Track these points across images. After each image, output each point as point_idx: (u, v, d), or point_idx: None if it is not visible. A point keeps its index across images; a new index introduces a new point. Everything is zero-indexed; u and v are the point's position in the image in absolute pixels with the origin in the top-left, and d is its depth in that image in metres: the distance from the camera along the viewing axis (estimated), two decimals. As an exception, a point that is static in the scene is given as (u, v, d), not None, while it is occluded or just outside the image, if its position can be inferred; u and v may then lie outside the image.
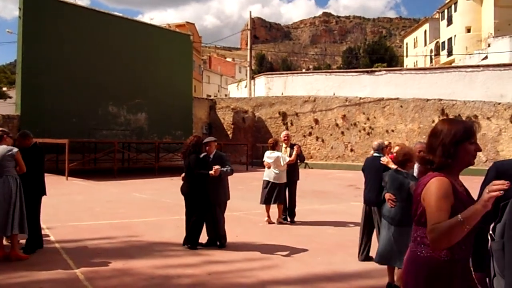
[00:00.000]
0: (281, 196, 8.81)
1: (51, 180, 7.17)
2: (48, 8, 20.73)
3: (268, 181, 8.78)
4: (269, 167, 8.79)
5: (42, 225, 6.72)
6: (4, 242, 6.30)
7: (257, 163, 24.82)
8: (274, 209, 8.97)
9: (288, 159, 8.91)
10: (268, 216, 8.86)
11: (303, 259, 6.27)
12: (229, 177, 7.23)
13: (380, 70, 28.75)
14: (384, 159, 5.94)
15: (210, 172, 6.63)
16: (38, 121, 18.82)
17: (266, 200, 8.79)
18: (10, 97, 36.32)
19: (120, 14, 28.51)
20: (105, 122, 22.77)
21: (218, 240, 6.83)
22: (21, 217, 5.90)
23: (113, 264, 5.80)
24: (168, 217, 9.21)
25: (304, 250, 6.72)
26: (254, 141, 27.29)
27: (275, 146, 8.95)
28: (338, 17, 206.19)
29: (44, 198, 6.64)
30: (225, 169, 6.79)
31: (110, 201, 11.69)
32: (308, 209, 10.33)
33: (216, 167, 6.66)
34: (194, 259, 6.17)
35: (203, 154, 6.96)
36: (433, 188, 2.20)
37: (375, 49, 56.95)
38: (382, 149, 6.37)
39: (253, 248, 6.78)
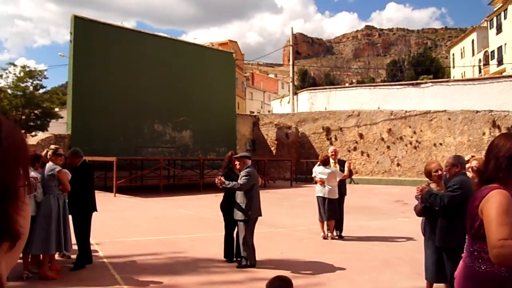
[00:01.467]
0: (336, 212, 8.74)
1: (99, 197, 7.37)
2: (97, 31, 21.65)
3: (324, 197, 8.69)
4: (322, 183, 8.70)
5: (91, 240, 6.89)
6: (56, 256, 6.51)
7: (301, 179, 24.64)
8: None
9: (342, 174, 8.86)
10: (323, 232, 8.77)
11: (349, 277, 6.11)
12: (273, 194, 7.25)
13: (426, 82, 28.06)
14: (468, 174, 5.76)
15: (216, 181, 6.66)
16: (87, 140, 19.51)
17: (324, 216, 8.73)
18: (62, 117, 37.85)
19: (165, 35, 29.35)
20: (151, 140, 23.33)
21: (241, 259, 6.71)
22: (59, 236, 5.96)
23: (159, 280, 5.86)
24: (213, 233, 9.24)
25: (351, 268, 6.54)
26: (298, 156, 27.16)
27: (327, 162, 8.89)
28: (381, 29, 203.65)
29: (93, 214, 6.82)
30: (226, 182, 6.57)
31: (156, 217, 11.88)
32: (354, 225, 10.10)
33: (218, 178, 6.63)
34: (239, 276, 6.14)
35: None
36: (494, 201, 2.10)
37: (420, 61, 55.65)
38: None
39: (298, 265, 6.67)
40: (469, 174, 5.87)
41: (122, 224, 10.68)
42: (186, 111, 24.63)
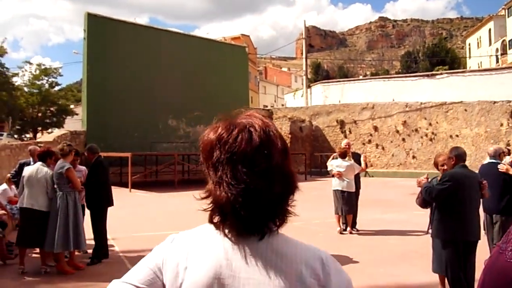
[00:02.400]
0: (353, 206, 8.68)
1: (115, 192, 7.43)
2: (110, 28, 21.78)
3: (343, 191, 8.64)
4: (340, 176, 8.66)
5: (108, 235, 6.95)
6: (77, 252, 6.58)
7: (315, 173, 24.58)
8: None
9: (360, 167, 8.82)
10: (340, 226, 8.73)
11: (365, 270, 6.09)
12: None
13: (441, 73, 27.73)
14: (503, 166, 5.67)
15: None
16: (103, 136, 19.65)
17: (342, 211, 8.67)
18: (77, 114, 38.29)
19: (177, 30, 29.42)
20: (166, 136, 23.44)
21: None
22: (66, 234, 5.90)
23: (175, 275, 5.88)
24: (227, 227, 9.26)
25: (366, 261, 6.52)
26: (312, 150, 27.07)
27: (345, 155, 8.84)
28: (395, 21, 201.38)
29: (109, 209, 6.88)
30: None
31: (171, 212, 11.96)
32: (369, 218, 10.05)
33: None
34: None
35: None
36: None
37: (435, 52, 54.96)
38: (499, 155, 6.07)
39: (313, 259, 6.63)
40: (502, 166, 5.73)
41: (138, 219, 10.77)
42: (199, 106, 24.67)
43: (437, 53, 54.29)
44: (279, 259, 1.03)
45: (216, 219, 1.12)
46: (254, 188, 1.03)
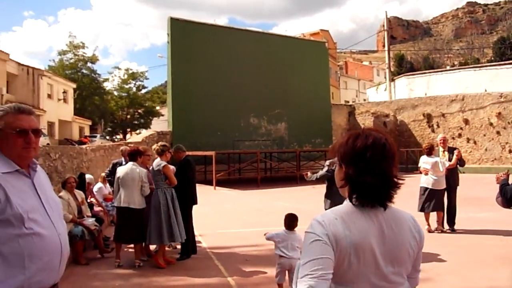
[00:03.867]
0: (440, 203, 8.28)
1: (200, 190, 7.65)
2: (192, 31, 22.49)
3: (426, 188, 8.31)
4: (426, 173, 8.31)
5: (195, 232, 7.16)
6: (167, 248, 6.88)
7: (402, 169, 23.64)
8: (433, 217, 8.46)
9: (447, 163, 8.35)
10: (428, 225, 8.34)
11: (461, 273, 5.72)
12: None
13: (541, 60, 25.43)
14: None
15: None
16: (187, 136, 20.37)
17: (425, 208, 8.32)
18: (163, 115, 40.08)
19: (256, 29, 29.73)
20: (247, 134, 23.79)
21: None
22: (171, 227, 6.25)
23: (262, 272, 5.93)
24: (311, 225, 9.15)
25: (461, 263, 6.14)
26: (397, 145, 25.92)
27: (431, 151, 8.45)
28: (486, 5, 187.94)
29: (195, 207, 7.08)
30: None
31: (255, 209, 12.08)
32: (464, 217, 9.44)
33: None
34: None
35: None
36: None
37: (533, 37, 50.54)
38: None
39: (402, 259, 6.35)
40: None
41: (223, 216, 11.01)
42: (280, 104, 24.76)
43: (536, 37, 49.90)
44: (398, 220, 1.62)
45: (354, 200, 1.59)
46: (388, 177, 1.59)
